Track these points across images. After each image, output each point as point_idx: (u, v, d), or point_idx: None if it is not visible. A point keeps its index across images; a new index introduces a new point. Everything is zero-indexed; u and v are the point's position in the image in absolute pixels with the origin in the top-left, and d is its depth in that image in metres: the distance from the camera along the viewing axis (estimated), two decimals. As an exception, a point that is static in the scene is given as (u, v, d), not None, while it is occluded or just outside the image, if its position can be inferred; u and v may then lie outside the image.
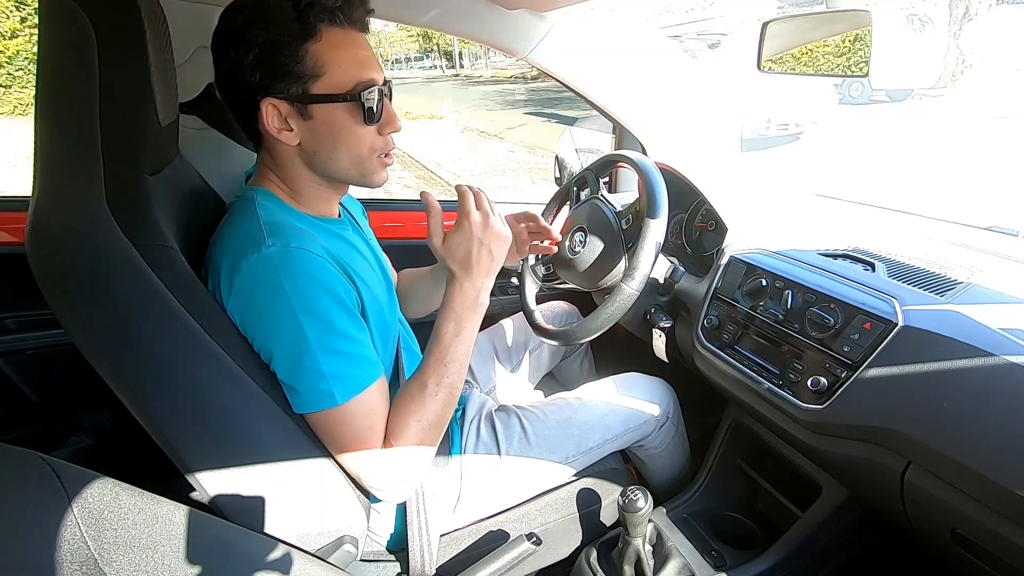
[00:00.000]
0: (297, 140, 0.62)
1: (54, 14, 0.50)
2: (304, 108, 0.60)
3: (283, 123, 0.61)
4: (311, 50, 0.58)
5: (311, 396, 0.58)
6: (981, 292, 0.66)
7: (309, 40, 0.58)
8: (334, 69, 0.59)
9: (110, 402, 0.56)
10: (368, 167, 0.66)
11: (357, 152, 0.64)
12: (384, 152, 0.66)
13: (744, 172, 1.20)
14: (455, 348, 0.65)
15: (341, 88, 0.60)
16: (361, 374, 0.60)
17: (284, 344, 0.57)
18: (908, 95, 9.62)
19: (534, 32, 1.08)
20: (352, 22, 0.60)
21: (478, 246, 0.64)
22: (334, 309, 0.58)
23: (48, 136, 0.52)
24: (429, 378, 0.64)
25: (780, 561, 0.84)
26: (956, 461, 0.54)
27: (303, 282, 0.57)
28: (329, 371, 0.57)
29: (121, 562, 0.42)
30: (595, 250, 0.93)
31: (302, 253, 0.58)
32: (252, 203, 0.63)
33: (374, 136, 0.64)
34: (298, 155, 0.64)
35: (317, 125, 0.61)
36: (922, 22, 8.93)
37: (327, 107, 0.60)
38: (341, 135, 0.62)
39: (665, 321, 0.96)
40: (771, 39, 1.04)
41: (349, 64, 0.60)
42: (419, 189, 5.77)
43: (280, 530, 0.61)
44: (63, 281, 0.53)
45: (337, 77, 0.59)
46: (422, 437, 0.63)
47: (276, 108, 0.60)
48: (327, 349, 0.57)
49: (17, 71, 7.89)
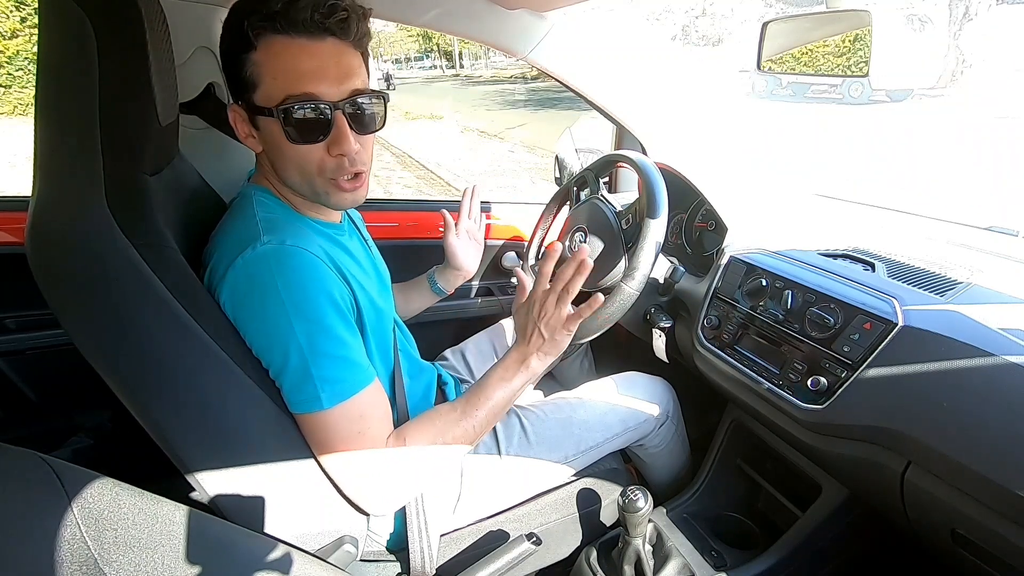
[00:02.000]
0: (260, 147, 0.63)
1: (54, 14, 0.50)
2: (252, 118, 0.60)
3: (248, 129, 0.61)
4: (251, 59, 0.56)
5: (298, 397, 0.58)
6: (981, 292, 0.66)
7: (249, 50, 0.56)
8: (267, 80, 0.56)
9: (110, 402, 0.56)
10: (319, 187, 0.62)
11: (303, 169, 0.60)
12: (334, 176, 0.61)
13: (744, 172, 1.20)
14: (494, 390, 0.68)
15: (270, 101, 0.56)
16: (350, 379, 0.59)
17: (274, 343, 0.57)
18: (908, 95, 9.63)
19: (534, 32, 1.08)
20: (298, 28, 0.54)
21: (531, 324, 0.66)
22: (327, 310, 0.58)
23: (48, 136, 0.52)
24: (460, 405, 0.67)
25: (780, 561, 0.84)
26: (956, 461, 0.54)
27: (297, 281, 0.56)
28: (317, 374, 0.57)
29: (121, 562, 0.42)
30: (595, 250, 0.93)
31: (297, 251, 0.57)
32: (250, 199, 0.63)
33: (322, 155, 0.59)
34: (267, 161, 0.64)
35: (264, 136, 0.61)
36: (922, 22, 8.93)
37: (263, 119, 0.59)
38: (282, 151, 0.60)
39: (665, 321, 0.96)
40: (771, 39, 1.04)
41: (283, 75, 0.56)
42: (419, 189, 5.79)
43: (280, 530, 0.61)
44: (63, 281, 0.53)
45: (269, 89, 0.56)
46: (429, 453, 0.64)
47: (238, 114, 0.61)
48: (317, 351, 0.57)
49: (17, 71, 7.90)
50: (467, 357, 1.11)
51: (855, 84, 9.74)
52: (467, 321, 1.33)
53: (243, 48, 0.56)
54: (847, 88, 10.11)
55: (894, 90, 9.58)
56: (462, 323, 1.33)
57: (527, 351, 0.68)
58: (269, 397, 0.59)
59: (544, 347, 0.67)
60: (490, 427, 0.69)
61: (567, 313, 0.64)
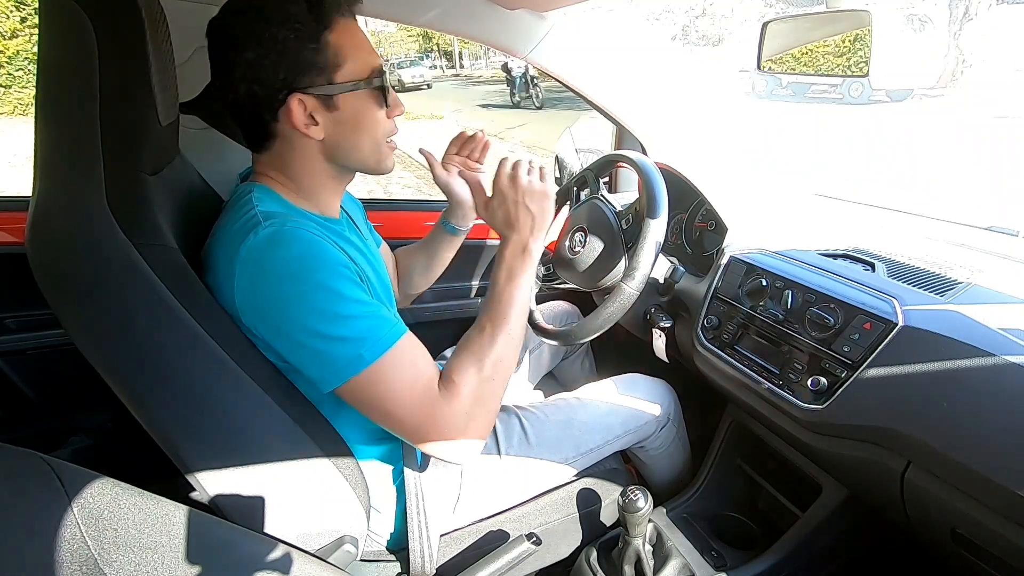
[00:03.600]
0: (323, 134, 0.63)
1: (54, 14, 0.50)
2: (330, 100, 0.61)
3: (308, 118, 0.61)
4: (330, 40, 0.59)
5: (338, 365, 0.56)
6: (981, 292, 0.66)
7: (327, 30, 0.59)
8: (352, 57, 0.61)
9: (110, 402, 0.56)
10: (383, 152, 0.68)
11: (376, 138, 0.66)
12: (392, 135, 0.68)
13: (744, 172, 1.20)
14: (509, 292, 0.68)
15: (361, 75, 0.62)
16: (385, 331, 0.58)
17: (297, 320, 0.56)
18: (908, 95, 9.63)
19: (534, 32, 1.08)
20: (351, 12, 0.62)
21: (514, 207, 0.69)
22: (339, 278, 0.57)
23: (48, 136, 0.52)
24: (486, 323, 0.67)
25: (780, 561, 0.84)
26: (956, 461, 0.54)
27: (304, 256, 0.56)
28: (350, 335, 0.56)
29: (121, 562, 0.42)
30: (595, 250, 0.93)
31: (299, 230, 0.57)
32: (248, 195, 0.62)
33: (386, 121, 0.66)
34: (319, 149, 0.64)
35: (343, 115, 0.62)
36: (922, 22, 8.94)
37: (352, 96, 0.62)
38: (364, 122, 0.64)
39: (665, 321, 0.96)
40: (771, 39, 1.04)
41: (362, 51, 0.62)
42: (419, 189, 5.79)
43: (280, 530, 0.61)
44: (63, 281, 0.53)
45: (357, 64, 0.61)
46: (482, 380, 0.63)
47: (303, 103, 0.60)
48: (342, 315, 0.56)
49: (17, 71, 7.90)
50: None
51: (855, 84, 9.74)
52: (467, 321, 1.32)
53: (321, 29, 0.58)
54: (847, 88, 10.11)
55: (894, 90, 9.58)
56: (462, 323, 1.33)
57: (522, 237, 0.69)
58: (270, 397, 0.59)
59: (535, 223, 0.70)
60: (523, 329, 0.69)
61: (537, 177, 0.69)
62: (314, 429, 0.63)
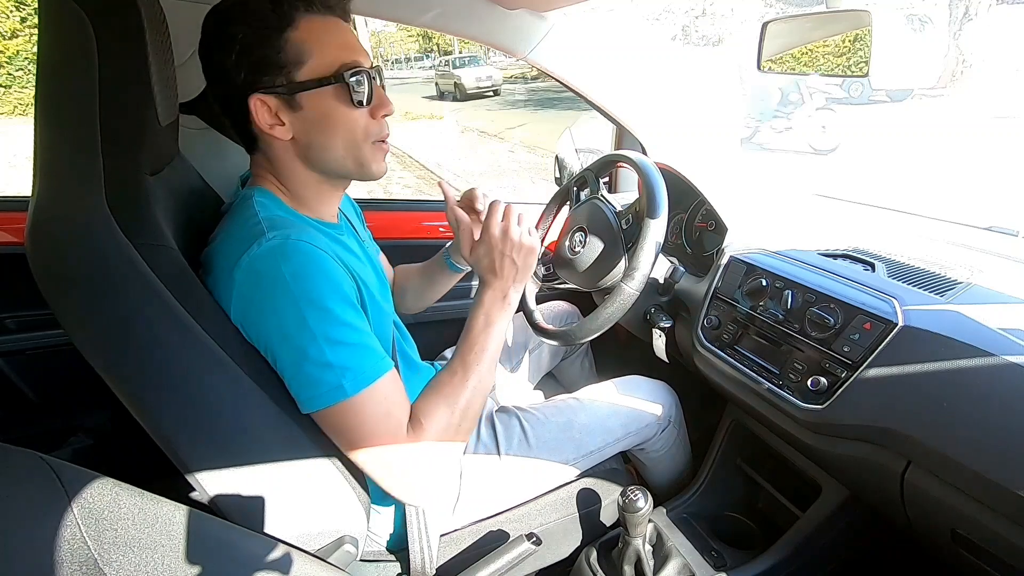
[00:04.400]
0: (290, 134, 0.62)
1: (54, 14, 0.50)
2: (292, 99, 0.60)
3: (274, 118, 0.61)
4: (291, 38, 0.57)
5: (319, 390, 0.57)
6: (981, 292, 0.66)
7: (287, 28, 0.57)
8: (316, 54, 0.59)
9: (110, 402, 0.56)
10: (364, 154, 0.65)
11: (351, 138, 0.63)
12: (379, 138, 0.65)
13: (744, 172, 1.20)
14: (484, 339, 0.68)
15: (326, 72, 0.59)
16: (370, 365, 0.59)
17: (288, 337, 0.56)
18: (908, 95, 9.63)
19: (534, 32, 1.08)
20: (328, 8, 0.60)
21: (500, 257, 0.68)
22: (337, 300, 0.57)
23: (48, 136, 0.52)
24: (458, 367, 0.66)
25: (780, 561, 0.84)
26: (956, 461, 0.54)
27: (304, 273, 0.56)
28: (336, 362, 0.56)
29: (121, 562, 0.42)
30: (595, 250, 0.93)
31: (303, 245, 0.57)
32: (250, 201, 0.62)
33: (367, 119, 0.63)
34: (293, 151, 0.63)
35: (308, 114, 0.61)
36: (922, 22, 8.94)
37: (315, 94, 0.60)
38: (332, 121, 0.61)
39: (665, 321, 0.96)
40: (771, 39, 1.04)
41: (331, 47, 0.59)
42: (419, 189, 5.79)
43: (280, 530, 0.61)
44: (63, 281, 0.53)
45: (320, 61, 0.59)
46: (449, 425, 0.63)
47: (264, 103, 0.59)
48: (332, 340, 0.56)
49: (17, 71, 7.90)
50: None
51: (855, 84, 9.73)
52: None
53: (282, 27, 0.57)
54: (847, 88, 10.10)
55: (894, 90, 9.58)
56: (462, 323, 1.32)
57: (503, 286, 0.69)
58: (269, 397, 0.59)
59: (518, 275, 0.70)
60: (492, 376, 0.69)
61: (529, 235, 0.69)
62: (314, 429, 0.63)
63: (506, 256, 0.68)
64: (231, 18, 0.57)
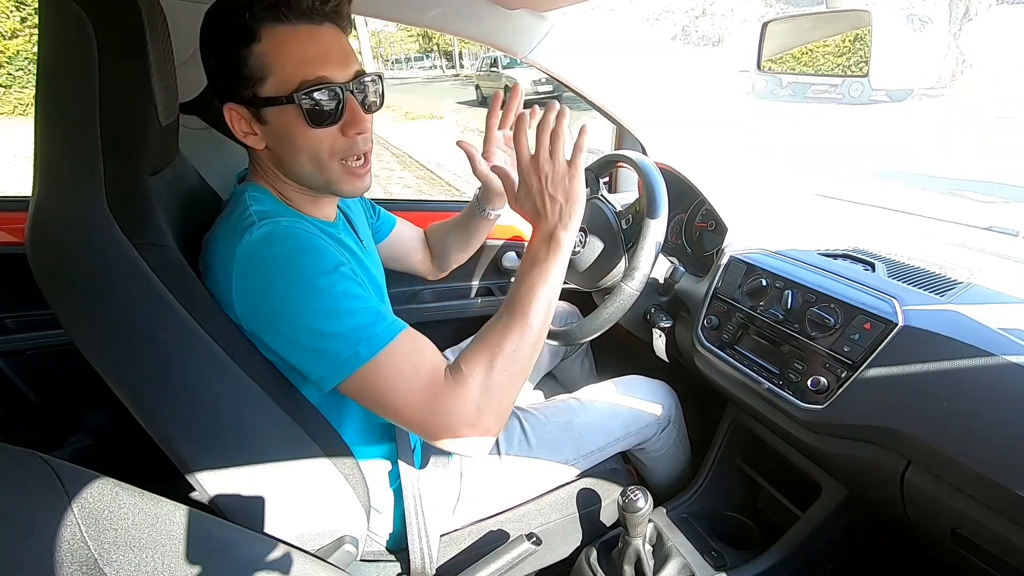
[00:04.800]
0: (263, 144, 0.62)
1: (54, 14, 0.50)
2: (258, 112, 0.59)
3: (247, 127, 0.61)
4: (255, 52, 0.56)
5: (336, 362, 0.55)
6: (981, 292, 0.66)
7: (252, 42, 0.55)
8: (278, 69, 0.56)
9: (110, 402, 0.56)
10: (331, 173, 0.62)
11: (316, 156, 0.61)
12: (348, 156, 0.62)
13: (744, 172, 1.20)
14: (531, 281, 0.63)
15: (284, 89, 0.57)
16: (382, 328, 0.57)
17: (294, 317, 0.56)
18: (908, 95, 9.63)
19: (534, 32, 1.08)
20: (299, 15, 0.56)
21: (539, 196, 0.63)
22: (335, 275, 0.57)
23: (48, 136, 0.52)
24: (505, 312, 0.63)
25: (780, 561, 0.84)
26: (956, 461, 0.54)
27: (299, 252, 0.56)
28: (347, 331, 0.55)
29: (121, 562, 0.42)
30: (595, 250, 0.93)
31: (293, 228, 0.57)
32: (242, 196, 0.62)
33: (334, 138, 0.60)
34: (269, 158, 0.64)
35: (273, 129, 0.60)
36: (922, 22, 8.94)
37: (276, 110, 0.58)
38: (295, 140, 0.59)
39: (665, 321, 0.96)
40: (771, 39, 1.04)
41: (293, 62, 0.56)
42: (419, 189, 5.78)
43: (280, 530, 0.61)
44: (63, 281, 0.53)
45: (280, 78, 0.57)
46: (494, 369, 0.59)
47: (237, 113, 0.60)
48: (338, 312, 0.55)
49: (17, 71, 7.90)
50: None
51: (855, 84, 9.74)
52: (467, 321, 1.33)
53: (244, 41, 0.56)
54: (847, 88, 10.11)
55: (894, 90, 9.59)
56: (462, 323, 1.33)
57: (549, 226, 0.63)
58: (270, 397, 0.59)
59: (565, 211, 0.63)
60: (546, 323, 0.64)
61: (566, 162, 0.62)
62: (314, 429, 0.63)
63: (545, 193, 0.63)
64: (210, 25, 0.58)
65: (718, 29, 18.02)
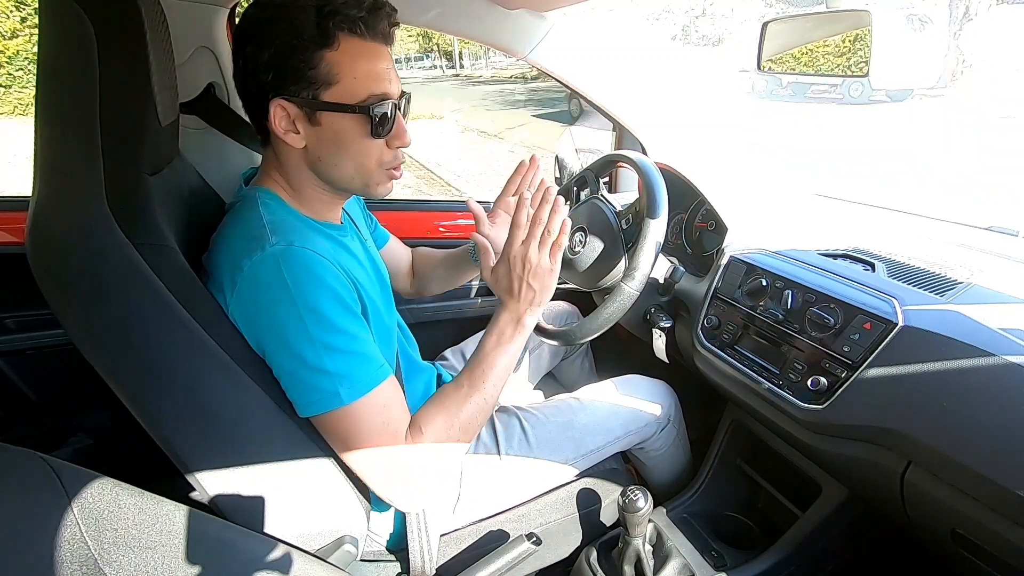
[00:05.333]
0: (303, 143, 0.62)
1: (54, 14, 0.50)
2: (312, 114, 0.60)
3: (290, 125, 0.61)
4: (327, 57, 0.57)
5: (316, 395, 0.57)
6: (981, 292, 0.66)
7: (326, 47, 0.57)
8: (348, 79, 0.59)
9: (110, 402, 0.56)
10: (374, 178, 0.66)
11: (363, 163, 0.64)
12: (392, 166, 0.66)
13: (744, 172, 1.20)
14: (493, 358, 0.68)
15: (353, 99, 0.59)
16: (369, 374, 0.59)
17: (287, 343, 0.57)
18: (908, 95, 9.63)
19: (534, 32, 1.08)
20: (374, 34, 0.59)
21: (517, 280, 0.67)
22: (337, 308, 0.58)
23: (48, 136, 0.52)
24: (465, 381, 0.67)
25: (780, 561, 0.84)
26: (956, 461, 0.54)
27: (306, 280, 0.56)
28: (334, 370, 0.57)
29: (121, 562, 0.42)
30: (595, 250, 0.93)
31: (305, 252, 0.58)
32: (255, 202, 0.63)
33: (382, 149, 0.64)
34: (303, 158, 0.64)
35: (324, 132, 0.61)
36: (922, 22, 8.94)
37: (335, 116, 0.60)
38: (347, 145, 0.62)
39: (665, 321, 0.96)
40: (771, 39, 1.04)
41: (365, 76, 0.59)
42: (419, 189, 5.79)
43: (280, 530, 0.61)
44: (63, 281, 0.53)
45: (350, 87, 0.59)
46: (449, 436, 0.64)
47: (284, 110, 0.60)
48: (331, 347, 0.57)
49: (17, 71, 7.89)
50: (467, 357, 1.11)
51: (855, 84, 9.74)
52: (467, 321, 1.33)
53: (321, 45, 0.57)
54: (847, 88, 10.11)
55: (894, 90, 9.60)
56: (462, 323, 1.33)
57: (518, 309, 0.68)
58: (270, 397, 0.59)
59: (535, 299, 0.68)
60: (498, 394, 0.69)
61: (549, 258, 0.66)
62: (314, 429, 0.63)
63: (524, 280, 0.67)
64: (275, 16, 0.57)
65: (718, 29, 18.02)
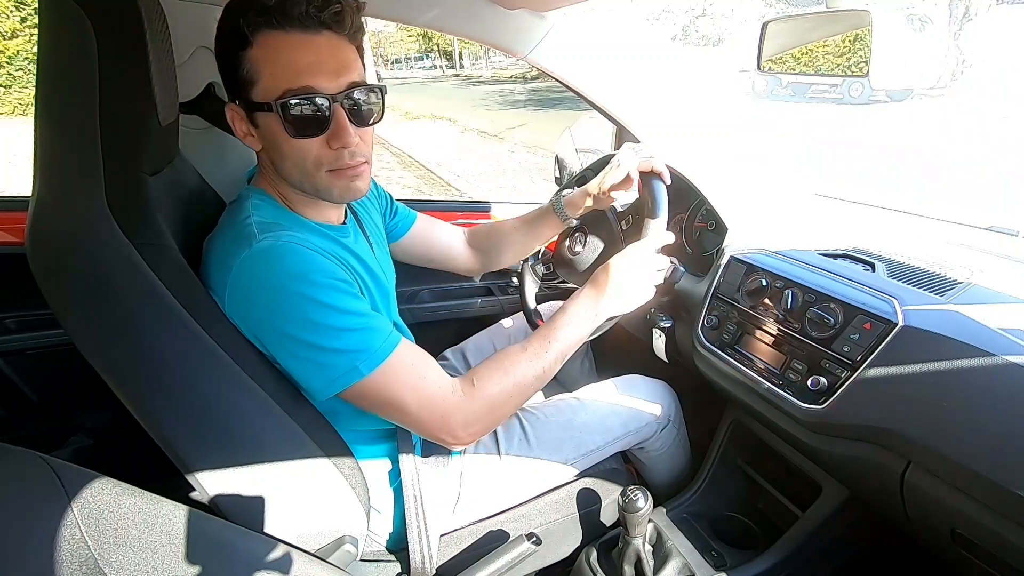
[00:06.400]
0: (259, 146, 0.63)
1: (54, 14, 0.50)
2: (251, 115, 0.60)
3: (246, 128, 0.61)
4: (248, 56, 0.56)
5: (335, 374, 0.57)
6: (981, 292, 0.66)
7: (247, 46, 0.56)
8: (265, 76, 0.56)
9: (110, 402, 0.56)
10: (318, 182, 0.61)
11: (301, 165, 0.60)
12: (334, 167, 0.61)
13: (744, 172, 1.20)
14: (562, 331, 0.70)
15: (269, 96, 0.56)
16: (380, 343, 0.59)
17: (293, 335, 0.56)
18: (908, 95, 9.63)
19: (534, 32, 1.08)
20: (291, 21, 0.55)
21: (630, 274, 0.72)
22: (335, 291, 0.57)
23: (48, 136, 0.52)
24: (529, 345, 0.69)
25: (780, 561, 0.84)
26: (956, 461, 0.54)
27: (299, 270, 0.56)
28: (345, 347, 0.57)
29: (121, 562, 0.42)
30: (595, 250, 0.93)
31: (292, 244, 0.57)
32: (246, 203, 0.63)
33: (319, 149, 0.59)
34: (267, 161, 0.64)
35: (263, 134, 0.60)
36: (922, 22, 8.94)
37: (263, 116, 0.58)
38: (279, 146, 0.59)
39: (665, 321, 0.96)
40: (771, 39, 1.04)
41: (281, 70, 0.56)
42: (419, 189, 5.79)
43: (280, 530, 0.61)
44: (63, 281, 0.53)
45: (269, 84, 0.56)
46: (501, 391, 0.65)
47: (236, 113, 0.61)
48: (337, 328, 0.56)
49: (17, 71, 7.90)
50: (467, 357, 1.11)
51: (855, 84, 9.74)
52: (467, 321, 1.33)
53: (239, 46, 0.56)
54: (847, 88, 10.11)
55: (894, 90, 9.59)
56: (462, 323, 1.33)
57: (603, 297, 0.71)
58: (270, 396, 0.59)
59: (626, 296, 0.71)
60: (554, 370, 0.70)
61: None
62: (314, 429, 0.63)
63: (624, 283, 0.70)
64: (218, 27, 0.58)
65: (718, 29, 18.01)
